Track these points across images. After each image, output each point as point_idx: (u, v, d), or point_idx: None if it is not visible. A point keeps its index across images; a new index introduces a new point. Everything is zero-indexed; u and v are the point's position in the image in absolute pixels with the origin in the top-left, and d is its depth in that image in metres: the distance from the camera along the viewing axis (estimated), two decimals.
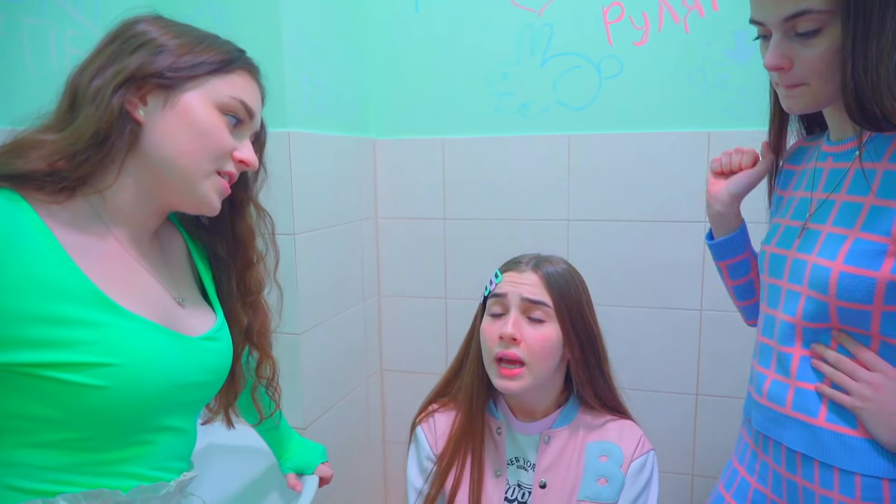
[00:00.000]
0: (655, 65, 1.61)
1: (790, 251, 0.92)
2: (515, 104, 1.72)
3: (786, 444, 0.91)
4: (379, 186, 1.87)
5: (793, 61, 0.82)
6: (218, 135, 0.76)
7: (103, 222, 0.74)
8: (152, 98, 0.73)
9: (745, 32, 1.53)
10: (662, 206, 1.64)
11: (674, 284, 1.66)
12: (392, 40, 1.79)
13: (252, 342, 0.92)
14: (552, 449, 1.10)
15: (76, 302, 0.67)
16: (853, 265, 0.80)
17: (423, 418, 1.20)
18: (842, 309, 0.83)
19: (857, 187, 0.85)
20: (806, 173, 0.97)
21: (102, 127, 0.69)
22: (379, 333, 1.94)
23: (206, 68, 0.74)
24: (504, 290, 1.08)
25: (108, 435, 0.71)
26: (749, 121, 1.54)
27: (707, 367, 1.66)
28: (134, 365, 0.69)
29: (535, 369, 1.05)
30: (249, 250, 0.90)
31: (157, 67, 0.71)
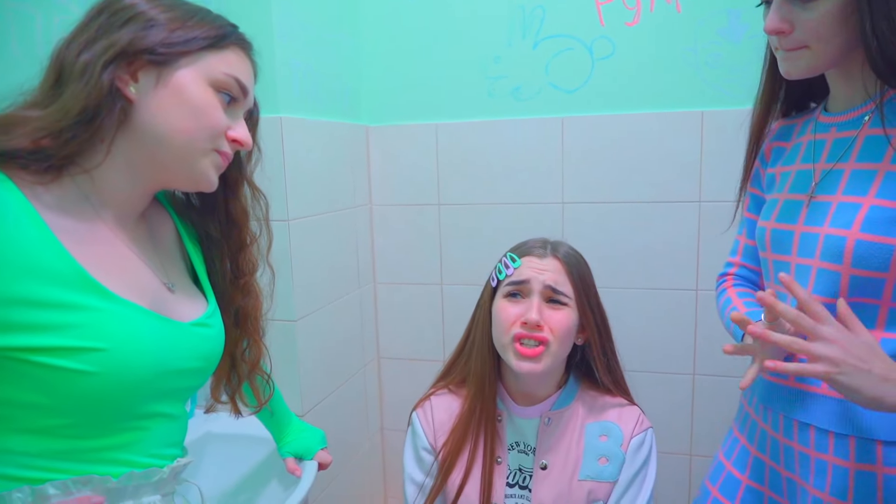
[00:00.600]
0: (648, 45, 1.60)
1: (796, 225, 0.91)
2: (508, 88, 1.72)
3: (784, 414, 0.92)
4: (373, 173, 1.86)
5: (793, 25, 0.82)
6: (212, 113, 0.73)
7: (91, 204, 0.72)
8: (143, 75, 0.70)
9: (739, 11, 1.53)
10: (657, 186, 1.64)
11: (669, 265, 1.66)
12: (384, 25, 1.78)
13: (240, 326, 0.90)
14: (552, 430, 1.10)
15: (64, 285, 0.65)
16: (870, 233, 0.80)
17: (420, 403, 1.19)
18: (855, 278, 0.82)
19: (869, 154, 0.84)
20: (801, 146, 0.97)
21: (91, 104, 0.67)
22: (375, 321, 1.93)
23: (199, 44, 0.72)
24: (526, 277, 1.07)
25: (97, 421, 0.69)
26: (742, 99, 1.54)
27: (704, 346, 1.67)
28: (123, 350, 0.68)
29: (555, 350, 1.05)
30: (243, 231, 0.88)
31: (148, 43, 0.69)
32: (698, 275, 1.64)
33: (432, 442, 1.15)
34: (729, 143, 1.56)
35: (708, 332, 1.66)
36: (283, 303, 1.39)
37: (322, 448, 1.20)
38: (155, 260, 0.80)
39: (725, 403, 1.64)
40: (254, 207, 0.88)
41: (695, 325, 1.67)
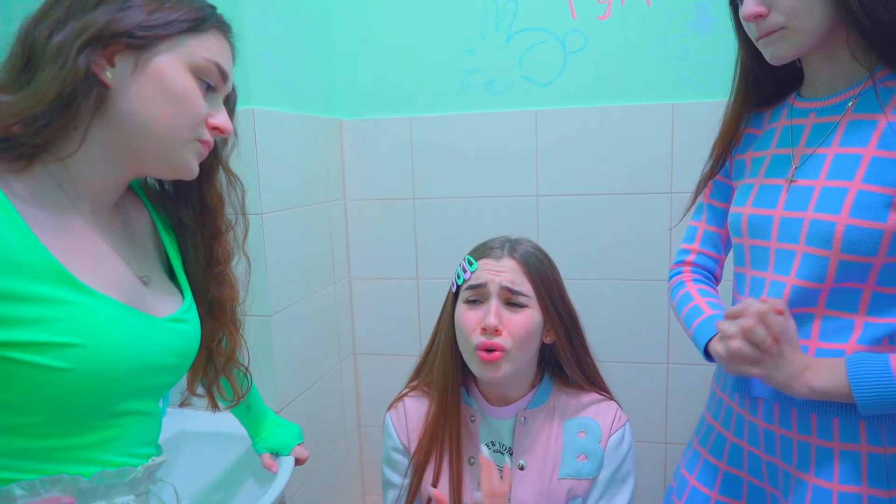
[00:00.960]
0: (619, 38, 1.62)
1: (776, 210, 0.91)
2: (482, 81, 1.72)
3: (763, 398, 0.92)
4: (347, 167, 1.85)
5: (769, 7, 0.84)
6: (193, 101, 0.71)
7: (65, 193, 0.69)
8: (120, 59, 0.67)
9: (707, 5, 1.55)
10: (630, 178, 1.66)
11: (642, 255, 1.68)
12: (356, 18, 1.76)
13: (215, 316, 0.88)
14: (529, 430, 1.09)
15: (38, 278, 0.62)
16: (860, 218, 0.81)
17: (393, 404, 1.18)
18: (844, 263, 0.83)
19: (853, 139, 0.85)
20: (775, 132, 0.97)
21: (66, 89, 0.63)
22: (351, 316, 1.92)
23: (178, 27, 0.69)
24: (483, 280, 1.05)
25: (69, 419, 0.67)
26: (711, 92, 1.57)
27: (677, 336, 1.69)
28: (99, 346, 0.65)
29: (516, 355, 1.04)
30: (218, 218, 0.85)
31: (126, 25, 0.66)
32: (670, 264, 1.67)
33: (405, 443, 1.13)
34: (699, 135, 1.57)
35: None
36: (259, 298, 1.37)
37: (299, 443, 1.19)
38: (129, 253, 0.77)
39: (699, 392, 1.66)
40: (229, 194, 0.86)
41: (668, 314, 1.69)
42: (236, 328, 0.91)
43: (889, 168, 0.80)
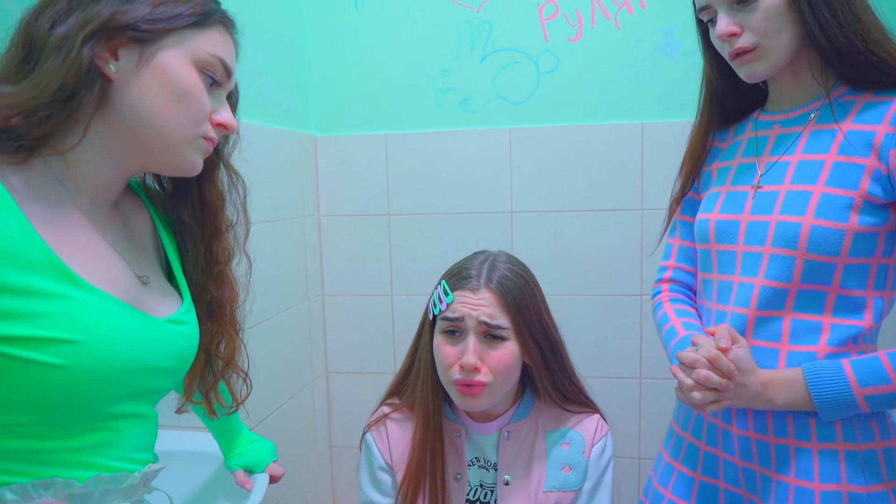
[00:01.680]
0: (590, 60, 1.67)
1: (742, 215, 0.95)
2: (457, 99, 1.75)
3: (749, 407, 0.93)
4: (321, 183, 1.84)
5: (741, 28, 0.89)
6: (197, 97, 0.69)
7: (64, 188, 0.67)
8: (124, 52, 0.65)
9: (673, 29, 1.62)
10: (601, 195, 1.70)
11: (614, 271, 1.71)
12: (332, 35, 1.78)
13: (214, 318, 0.84)
14: (513, 444, 1.09)
15: (34, 271, 0.60)
16: (824, 219, 0.85)
17: (374, 423, 1.15)
18: (809, 263, 0.87)
19: (815, 147, 0.90)
20: (741, 143, 1.02)
21: (70, 81, 0.62)
22: (323, 334, 1.89)
23: (184, 21, 0.67)
24: (460, 314, 1.03)
25: (62, 420, 0.64)
26: (678, 112, 1.63)
27: (649, 350, 1.72)
28: (96, 343, 0.63)
29: (497, 388, 1.03)
30: (218, 217, 0.82)
31: (131, 18, 0.64)
32: (642, 280, 1.70)
33: (389, 461, 1.11)
34: (668, 154, 1.62)
35: (653, 337, 1.69)
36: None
37: (273, 461, 1.15)
38: (128, 252, 0.75)
39: (672, 407, 1.69)
40: (231, 193, 0.83)
41: (640, 329, 1.72)
42: (236, 331, 0.88)
43: (849, 172, 0.86)
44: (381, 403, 1.20)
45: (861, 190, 0.85)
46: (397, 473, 1.10)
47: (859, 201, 0.85)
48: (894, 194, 0.85)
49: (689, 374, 0.87)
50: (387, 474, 1.11)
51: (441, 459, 1.07)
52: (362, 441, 1.16)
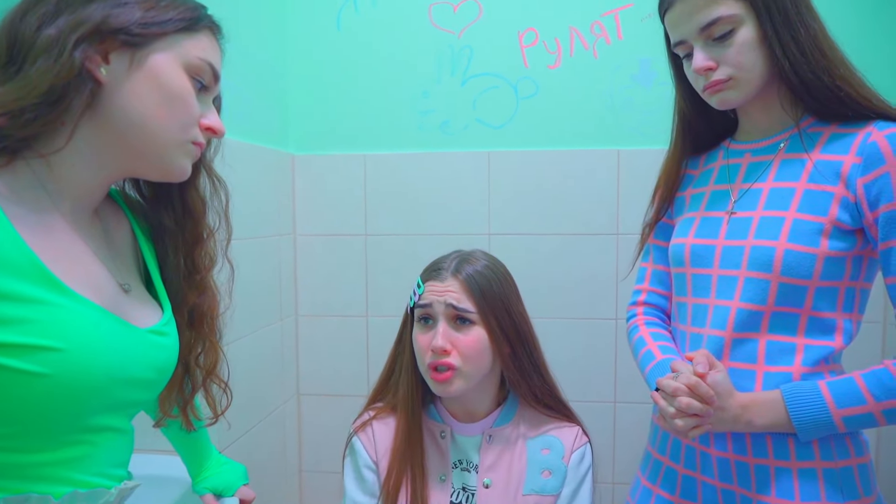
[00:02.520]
0: (568, 87, 1.70)
1: (717, 240, 0.97)
2: (437, 122, 1.76)
3: None
4: (297, 202, 1.82)
5: (717, 62, 0.92)
6: (188, 101, 0.69)
7: (47, 192, 0.65)
8: (116, 56, 0.65)
9: (649, 60, 1.67)
10: (578, 219, 1.72)
11: (590, 295, 1.73)
12: (313, 55, 1.78)
13: (195, 327, 0.82)
14: (494, 447, 1.10)
15: (18, 276, 0.58)
16: (796, 243, 0.89)
17: (359, 428, 1.15)
18: (783, 286, 0.90)
19: (786, 175, 0.94)
20: (713, 171, 1.05)
21: (59, 83, 0.61)
22: (296, 355, 1.86)
23: (175, 25, 0.67)
24: (428, 300, 1.08)
25: (40, 432, 0.61)
26: (653, 140, 1.66)
27: (624, 374, 1.73)
28: (79, 351, 0.61)
29: (467, 372, 1.05)
30: (200, 223, 0.80)
31: (123, 22, 0.64)
32: (617, 304, 1.72)
33: (374, 458, 1.11)
34: (643, 180, 1.65)
35: (627, 360, 1.71)
36: None
37: (244, 484, 1.12)
38: (109, 259, 0.73)
39: (646, 429, 1.69)
40: (213, 198, 0.82)
41: (615, 353, 1.73)
42: (217, 340, 0.86)
43: (819, 200, 0.89)
44: (364, 409, 1.19)
45: (830, 216, 0.88)
46: (382, 473, 1.10)
47: (829, 227, 0.88)
48: (861, 221, 0.89)
49: (671, 402, 0.88)
50: (372, 473, 1.11)
51: (422, 452, 1.09)
52: (348, 445, 1.15)
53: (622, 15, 1.67)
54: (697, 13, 0.91)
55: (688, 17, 0.93)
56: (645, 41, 1.66)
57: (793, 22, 0.89)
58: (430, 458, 1.10)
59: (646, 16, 1.66)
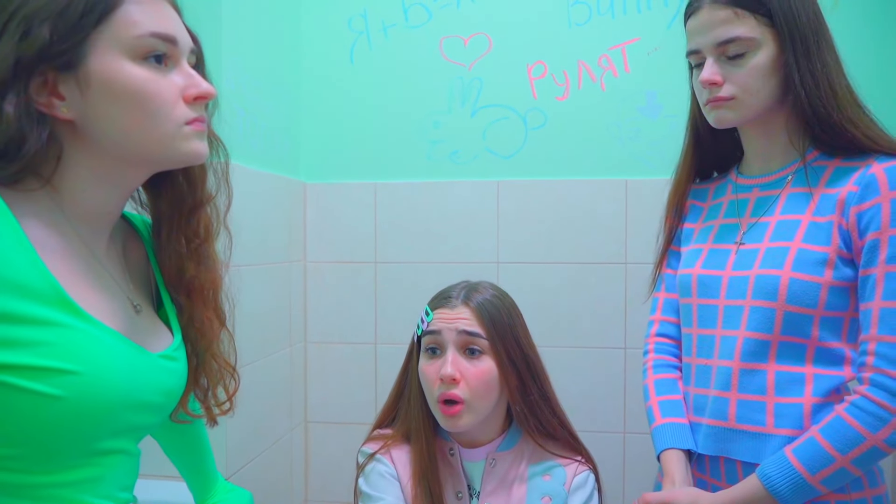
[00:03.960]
0: (576, 118, 1.73)
1: (724, 271, 0.98)
2: (446, 151, 1.79)
3: (739, 459, 0.94)
4: (309, 230, 1.85)
5: (724, 79, 0.93)
6: (152, 90, 0.62)
7: (65, 216, 0.66)
8: (63, 86, 0.61)
9: (655, 92, 1.70)
10: (586, 248, 1.73)
11: (599, 324, 1.73)
12: (327, 87, 1.83)
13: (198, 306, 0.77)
14: (497, 472, 1.09)
15: (35, 299, 0.59)
16: (801, 272, 0.90)
17: (379, 451, 1.12)
18: (789, 314, 0.90)
19: (793, 208, 0.95)
20: (722, 205, 1.06)
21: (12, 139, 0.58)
22: (305, 382, 1.86)
23: (92, 19, 0.59)
24: (437, 328, 1.07)
25: (50, 454, 0.61)
26: (660, 170, 1.66)
27: (633, 404, 1.71)
28: (94, 375, 0.61)
29: (476, 406, 1.04)
30: (199, 187, 0.75)
31: (35, 52, 0.58)
32: (626, 333, 1.71)
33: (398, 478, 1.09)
34: (650, 210, 1.68)
35: (637, 390, 1.70)
36: None
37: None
38: (124, 281, 0.74)
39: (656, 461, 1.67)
40: (211, 160, 0.76)
41: (624, 383, 1.72)
42: (221, 320, 0.82)
43: (823, 231, 0.91)
44: (369, 435, 1.17)
45: (833, 245, 0.89)
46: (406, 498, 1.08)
47: (833, 256, 0.89)
48: (853, 248, 0.89)
49: None
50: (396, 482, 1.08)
51: (439, 476, 1.07)
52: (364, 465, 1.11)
53: (629, 49, 1.71)
54: (717, 27, 0.92)
55: (708, 28, 0.93)
56: (652, 74, 1.70)
57: (812, 54, 0.91)
58: (445, 479, 1.09)
59: (652, 49, 1.69)
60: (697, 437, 1.01)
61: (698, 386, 1.01)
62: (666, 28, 1.69)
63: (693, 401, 1.02)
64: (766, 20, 0.91)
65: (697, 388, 1.01)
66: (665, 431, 1.02)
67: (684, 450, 1.00)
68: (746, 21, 0.91)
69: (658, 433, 1.04)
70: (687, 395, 1.05)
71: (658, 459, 1.04)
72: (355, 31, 1.81)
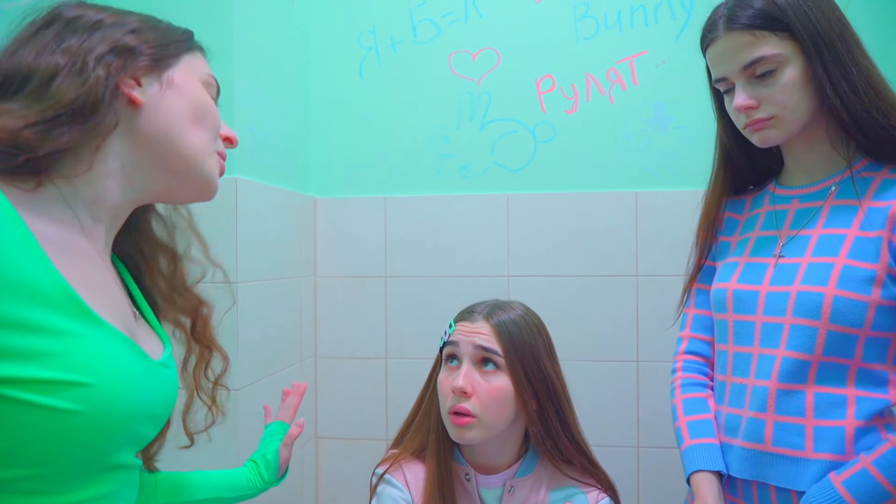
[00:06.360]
0: (585, 131, 1.73)
1: (761, 286, 0.95)
2: (456, 165, 1.79)
3: (774, 485, 0.91)
4: (319, 244, 1.85)
5: (759, 101, 0.91)
6: (213, 111, 0.73)
7: (75, 215, 0.64)
8: (146, 78, 0.68)
9: (664, 104, 1.70)
10: (597, 261, 1.72)
11: (610, 337, 1.71)
12: (336, 103, 1.84)
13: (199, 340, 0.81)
14: (516, 499, 1.06)
15: (46, 305, 0.55)
16: (846, 290, 0.86)
17: (391, 469, 1.11)
18: (832, 334, 0.87)
19: (836, 221, 0.91)
20: (759, 217, 1.03)
21: (83, 96, 0.60)
22: (315, 397, 1.85)
23: (182, 47, 0.72)
24: (456, 339, 1.07)
25: (64, 473, 0.58)
26: (671, 182, 1.68)
27: (647, 418, 1.70)
28: (108, 386, 0.58)
29: (487, 421, 1.02)
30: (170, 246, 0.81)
31: (139, 44, 0.67)
32: (638, 346, 1.70)
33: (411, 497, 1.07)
34: (661, 222, 1.69)
35: (650, 404, 1.70)
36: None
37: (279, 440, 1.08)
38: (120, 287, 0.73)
39: (671, 476, 1.65)
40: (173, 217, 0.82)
41: (637, 396, 1.71)
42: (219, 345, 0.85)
43: (870, 246, 0.87)
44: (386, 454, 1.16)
45: (882, 262, 0.86)
46: None
47: (881, 274, 0.86)
48: None
49: None
50: None
51: (454, 498, 1.05)
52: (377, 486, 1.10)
53: (637, 62, 1.71)
54: (740, 51, 0.90)
55: (730, 54, 0.92)
56: (660, 86, 1.70)
57: (843, 60, 0.88)
58: (461, 502, 1.07)
59: (660, 62, 1.70)
60: (729, 458, 0.97)
61: (732, 405, 0.98)
62: (674, 41, 1.69)
63: (725, 420, 0.99)
64: (788, 35, 0.89)
65: (731, 407, 0.98)
66: (695, 453, 0.98)
67: (715, 472, 0.96)
68: (768, 40, 0.89)
69: (688, 455, 1.00)
70: (719, 414, 1.01)
71: (688, 482, 1.00)
72: (364, 47, 1.82)
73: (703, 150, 1.14)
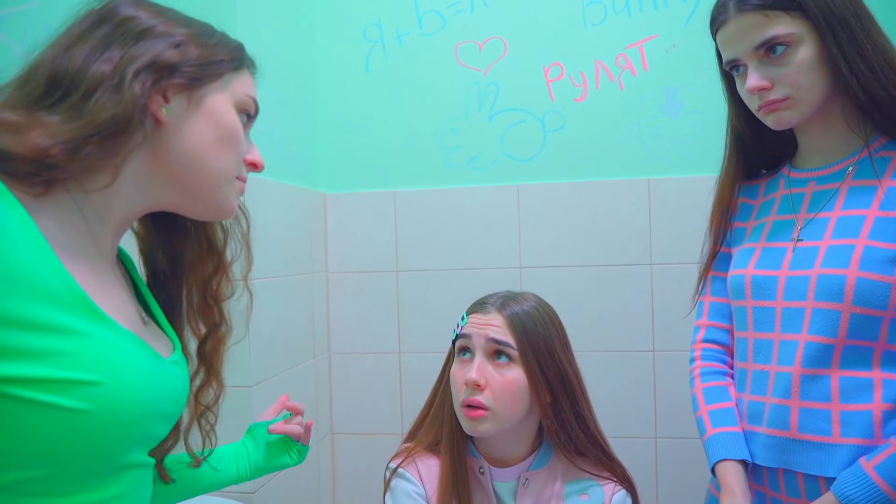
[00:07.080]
0: (595, 119, 1.71)
1: (780, 270, 0.93)
2: (465, 157, 1.78)
3: (801, 471, 0.89)
4: (329, 240, 1.85)
5: (772, 82, 0.89)
6: (240, 138, 0.71)
7: (84, 218, 0.64)
8: (175, 96, 0.66)
9: (675, 89, 1.67)
10: (610, 250, 1.70)
11: (625, 326, 1.70)
12: (343, 97, 1.83)
13: (204, 359, 0.79)
14: (531, 492, 1.05)
15: (56, 304, 0.56)
16: (868, 271, 0.84)
17: (404, 463, 1.10)
18: (856, 316, 0.85)
19: (855, 202, 0.90)
20: (774, 201, 1.01)
21: (119, 115, 0.60)
22: (329, 392, 1.85)
23: (226, 67, 0.70)
24: (469, 332, 1.05)
25: (74, 473, 0.58)
26: (683, 168, 1.65)
27: (664, 408, 1.68)
28: (118, 384, 0.58)
29: (500, 414, 1.01)
30: (219, 254, 0.79)
31: (181, 60, 0.65)
32: (654, 335, 1.68)
33: (425, 492, 1.07)
34: (674, 208, 1.66)
35: (667, 394, 1.68)
36: (241, 367, 1.32)
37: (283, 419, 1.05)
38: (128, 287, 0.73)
39: (690, 466, 1.63)
40: (233, 227, 0.80)
41: (653, 386, 1.69)
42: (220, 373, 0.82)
43: (891, 226, 0.85)
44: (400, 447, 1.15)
45: None
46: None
47: None
48: None
49: None
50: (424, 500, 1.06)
51: (469, 491, 1.05)
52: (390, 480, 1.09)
53: (647, 46, 1.68)
54: (751, 32, 0.89)
55: (741, 36, 0.90)
56: (671, 71, 1.67)
57: (858, 38, 0.86)
58: (476, 496, 1.06)
59: (671, 46, 1.67)
60: (753, 446, 0.95)
61: (754, 392, 0.96)
62: (684, 24, 1.66)
63: (747, 408, 0.97)
64: (800, 14, 0.87)
65: (753, 394, 0.96)
66: (719, 442, 0.97)
67: (740, 460, 0.95)
68: (780, 20, 0.87)
69: (711, 444, 0.98)
70: (741, 402, 0.99)
71: (712, 471, 0.98)
72: (370, 41, 1.81)
73: (717, 135, 1.11)
